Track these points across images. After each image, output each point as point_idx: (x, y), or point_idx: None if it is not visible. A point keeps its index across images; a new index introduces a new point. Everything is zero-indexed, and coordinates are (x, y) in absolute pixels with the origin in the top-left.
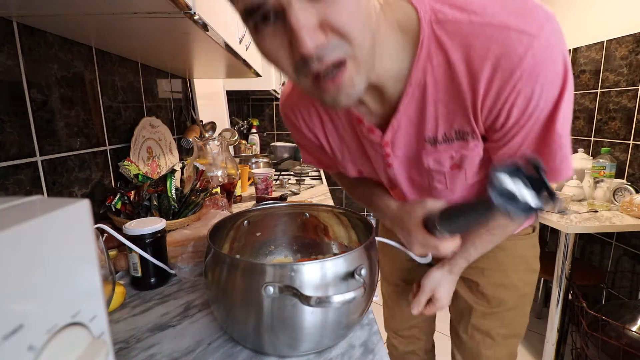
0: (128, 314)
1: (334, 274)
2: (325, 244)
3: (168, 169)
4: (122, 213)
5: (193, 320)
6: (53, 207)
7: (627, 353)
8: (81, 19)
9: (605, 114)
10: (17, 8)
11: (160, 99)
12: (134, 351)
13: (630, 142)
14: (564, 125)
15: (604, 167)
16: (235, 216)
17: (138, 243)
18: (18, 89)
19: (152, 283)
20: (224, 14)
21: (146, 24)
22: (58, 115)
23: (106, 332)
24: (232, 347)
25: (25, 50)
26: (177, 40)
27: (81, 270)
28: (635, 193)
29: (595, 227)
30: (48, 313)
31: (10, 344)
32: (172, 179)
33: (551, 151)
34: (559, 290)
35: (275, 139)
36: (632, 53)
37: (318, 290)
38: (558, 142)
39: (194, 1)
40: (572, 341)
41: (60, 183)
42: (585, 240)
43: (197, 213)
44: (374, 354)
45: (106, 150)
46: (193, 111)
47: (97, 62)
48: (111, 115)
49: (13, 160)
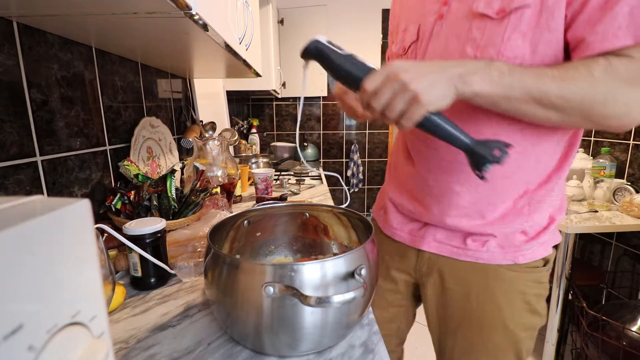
0: (128, 314)
1: (334, 274)
2: (325, 244)
3: (168, 169)
4: (122, 213)
5: (193, 320)
6: (53, 207)
7: (627, 353)
8: (81, 19)
9: None
10: (17, 8)
11: (160, 99)
12: (134, 351)
13: (630, 142)
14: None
15: (604, 167)
16: (235, 217)
17: (138, 243)
18: (18, 89)
19: (152, 283)
20: (224, 14)
21: (146, 24)
22: (58, 115)
23: (106, 332)
24: (232, 347)
25: (25, 50)
26: (177, 40)
27: (81, 270)
28: (635, 193)
29: (595, 227)
30: (48, 313)
31: (10, 344)
32: (172, 179)
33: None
34: (559, 290)
35: (275, 139)
36: None
37: (318, 290)
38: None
39: (194, 1)
40: (572, 341)
41: (60, 183)
42: (585, 240)
43: (197, 213)
44: (374, 354)
45: (106, 150)
46: (193, 111)
47: (97, 62)
48: (111, 115)
49: (13, 160)
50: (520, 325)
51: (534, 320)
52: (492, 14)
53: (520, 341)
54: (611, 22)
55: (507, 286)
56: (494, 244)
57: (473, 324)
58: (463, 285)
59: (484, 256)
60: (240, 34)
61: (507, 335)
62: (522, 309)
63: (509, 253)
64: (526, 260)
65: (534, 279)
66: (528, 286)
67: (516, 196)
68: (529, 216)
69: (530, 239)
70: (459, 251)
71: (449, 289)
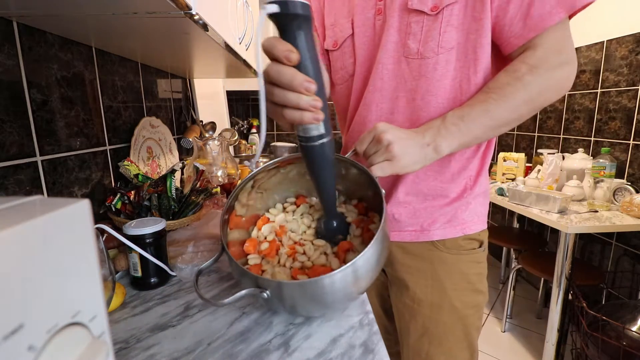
0: (128, 314)
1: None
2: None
3: (168, 169)
4: (122, 213)
5: (193, 320)
6: (53, 207)
7: (627, 353)
8: (81, 19)
9: (605, 114)
10: (17, 8)
11: (160, 99)
12: (134, 351)
13: (630, 142)
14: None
15: (604, 167)
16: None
17: (138, 243)
18: (18, 89)
19: (152, 283)
20: (224, 14)
21: (146, 24)
22: (58, 115)
23: (106, 332)
24: (232, 347)
25: (25, 50)
26: (177, 40)
27: (81, 270)
28: (635, 193)
29: (595, 227)
30: (48, 313)
31: (10, 344)
32: (172, 179)
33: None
34: (559, 290)
35: (275, 139)
36: (632, 53)
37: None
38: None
39: (194, 1)
40: (572, 341)
41: (60, 183)
42: (585, 240)
43: (197, 213)
44: (374, 354)
45: (106, 150)
46: (193, 111)
47: (97, 62)
48: (111, 115)
49: (13, 160)
50: (464, 303)
51: (478, 299)
52: (427, 10)
53: (468, 318)
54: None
55: (449, 267)
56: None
57: (422, 308)
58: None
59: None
60: (240, 34)
61: (457, 315)
62: (465, 288)
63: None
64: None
65: (474, 260)
66: (469, 266)
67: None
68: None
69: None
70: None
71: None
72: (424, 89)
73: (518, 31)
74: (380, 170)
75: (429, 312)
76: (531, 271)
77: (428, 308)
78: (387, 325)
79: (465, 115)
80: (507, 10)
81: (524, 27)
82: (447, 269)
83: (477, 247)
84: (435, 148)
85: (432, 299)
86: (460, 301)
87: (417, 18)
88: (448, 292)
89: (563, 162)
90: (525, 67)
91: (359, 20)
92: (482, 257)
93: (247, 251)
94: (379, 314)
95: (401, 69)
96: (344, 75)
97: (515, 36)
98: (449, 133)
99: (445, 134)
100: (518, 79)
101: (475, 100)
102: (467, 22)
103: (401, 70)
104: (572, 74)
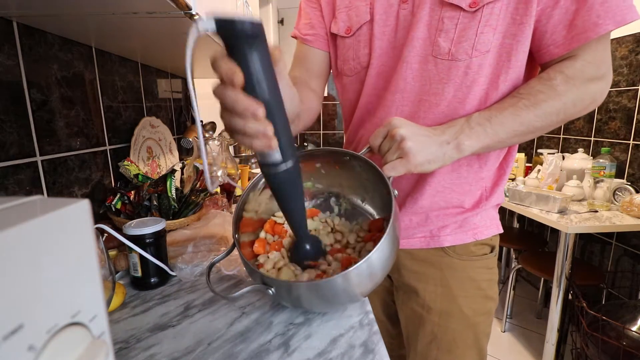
0: (128, 314)
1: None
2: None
3: (168, 169)
4: (122, 213)
5: (193, 320)
6: (53, 207)
7: (627, 353)
8: (81, 19)
9: (605, 114)
10: (17, 8)
11: (160, 99)
12: (134, 351)
13: (630, 142)
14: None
15: (604, 167)
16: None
17: (138, 243)
18: (18, 89)
19: (152, 283)
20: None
21: (146, 24)
22: (58, 115)
23: (106, 332)
24: (232, 347)
25: (25, 50)
26: (177, 40)
27: (81, 270)
28: (635, 193)
29: (595, 227)
30: (48, 313)
31: (10, 344)
32: (172, 179)
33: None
34: (559, 290)
35: None
36: (632, 53)
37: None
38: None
39: (194, 1)
40: (572, 341)
41: (60, 183)
42: (585, 240)
43: (197, 213)
44: (374, 354)
45: (106, 150)
46: (193, 111)
47: (97, 62)
48: (111, 115)
49: (13, 160)
50: (475, 310)
51: (488, 306)
52: (465, 6)
53: (478, 326)
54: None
55: (459, 274)
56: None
57: (431, 316)
58: (421, 280)
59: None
60: None
61: (467, 322)
62: (475, 295)
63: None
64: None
65: (484, 266)
66: (479, 272)
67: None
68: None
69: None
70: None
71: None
72: (451, 95)
73: (560, 40)
74: (392, 169)
75: (438, 319)
76: (531, 271)
77: (437, 315)
78: (390, 330)
79: (493, 117)
80: (552, 15)
81: (567, 35)
82: (456, 275)
83: (489, 253)
84: (458, 146)
85: (442, 307)
86: (471, 309)
87: (451, 13)
88: (458, 300)
89: (563, 162)
90: (561, 77)
91: (380, 7)
92: (493, 262)
93: (257, 252)
94: (382, 319)
95: (428, 69)
96: (355, 67)
97: (556, 45)
98: (474, 133)
99: (470, 133)
100: (552, 87)
101: (504, 103)
102: (506, 24)
103: (427, 71)
104: (606, 89)
